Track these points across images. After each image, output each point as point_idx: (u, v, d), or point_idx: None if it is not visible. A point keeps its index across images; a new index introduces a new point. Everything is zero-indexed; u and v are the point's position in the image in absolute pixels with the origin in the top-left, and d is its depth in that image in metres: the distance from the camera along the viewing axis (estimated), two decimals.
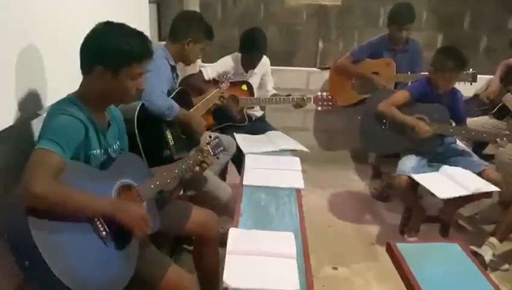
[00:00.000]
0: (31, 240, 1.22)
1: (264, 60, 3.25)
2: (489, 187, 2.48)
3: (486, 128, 3.15)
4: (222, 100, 2.89)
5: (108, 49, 1.49)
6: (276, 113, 3.83)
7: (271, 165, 2.41)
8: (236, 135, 2.88)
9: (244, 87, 3.17)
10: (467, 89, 3.33)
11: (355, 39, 4.21)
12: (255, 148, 2.65)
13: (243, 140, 2.81)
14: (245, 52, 3.13)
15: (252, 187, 2.13)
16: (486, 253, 2.59)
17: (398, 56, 3.50)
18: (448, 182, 2.54)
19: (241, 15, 4.20)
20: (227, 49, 3.37)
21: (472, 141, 3.26)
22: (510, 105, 3.28)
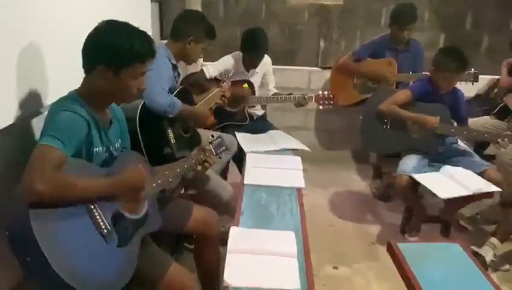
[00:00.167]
0: (32, 237, 1.22)
1: (266, 60, 3.25)
2: (490, 187, 2.48)
3: (487, 128, 3.15)
4: (223, 99, 2.89)
5: (110, 48, 1.49)
6: (277, 112, 3.84)
7: (272, 164, 2.41)
8: (237, 134, 2.88)
9: (245, 86, 3.17)
10: (469, 89, 3.33)
11: (357, 39, 4.21)
12: (256, 147, 2.65)
13: (244, 139, 2.81)
14: (246, 51, 3.13)
15: (253, 186, 2.13)
16: (487, 253, 2.59)
17: (400, 56, 3.49)
18: (449, 182, 2.54)
19: (243, 14, 4.20)
20: (228, 48, 3.37)
21: (473, 141, 3.25)
22: None
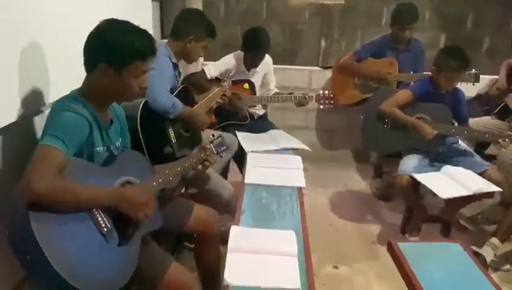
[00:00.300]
0: (32, 235, 1.22)
1: (267, 59, 3.25)
2: (490, 187, 2.48)
3: (488, 128, 3.14)
4: (224, 99, 2.89)
5: (112, 46, 1.49)
6: (278, 111, 3.84)
7: (273, 163, 2.41)
8: (238, 133, 2.88)
9: (246, 86, 3.17)
10: (469, 89, 3.33)
11: (357, 38, 4.20)
12: (257, 146, 2.65)
13: (245, 138, 2.81)
14: (247, 51, 3.13)
15: (254, 185, 2.13)
16: (487, 253, 2.58)
17: (401, 55, 3.49)
18: (449, 182, 2.53)
19: (243, 13, 4.19)
20: (229, 47, 3.37)
21: (474, 141, 3.25)
22: None
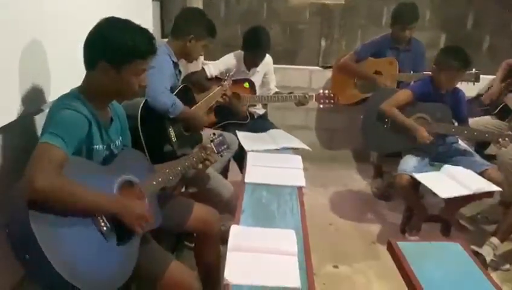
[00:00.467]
0: (32, 234, 1.22)
1: (267, 59, 3.25)
2: (490, 187, 2.48)
3: (488, 128, 3.14)
4: (224, 98, 2.89)
5: (112, 44, 1.49)
6: (278, 111, 3.84)
7: (273, 163, 2.41)
8: (238, 133, 2.88)
9: (246, 85, 3.17)
10: (470, 89, 3.33)
11: (358, 38, 4.20)
12: (257, 146, 2.65)
13: (245, 138, 2.81)
14: (248, 50, 3.13)
15: (254, 185, 2.13)
16: (487, 253, 2.59)
17: (401, 55, 3.49)
18: (449, 182, 2.54)
19: (244, 13, 4.19)
20: (230, 46, 3.37)
21: (474, 141, 3.25)
22: None
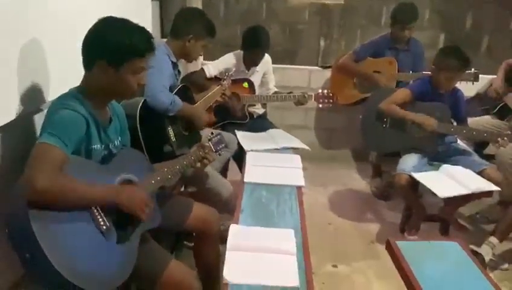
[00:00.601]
0: (32, 233, 1.22)
1: (266, 58, 3.25)
2: (489, 187, 2.48)
3: (487, 128, 3.15)
4: (224, 97, 2.89)
5: (110, 43, 1.49)
6: (277, 111, 3.84)
7: (272, 162, 2.41)
8: (237, 132, 2.88)
9: (245, 85, 3.17)
10: (469, 89, 3.33)
11: (357, 38, 4.20)
12: (256, 145, 2.66)
13: (244, 137, 2.81)
14: (247, 50, 3.13)
15: (253, 184, 2.13)
16: (486, 252, 2.59)
17: (400, 55, 3.50)
18: (448, 181, 2.54)
19: (243, 13, 4.19)
20: (229, 47, 3.37)
21: (473, 141, 3.26)
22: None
